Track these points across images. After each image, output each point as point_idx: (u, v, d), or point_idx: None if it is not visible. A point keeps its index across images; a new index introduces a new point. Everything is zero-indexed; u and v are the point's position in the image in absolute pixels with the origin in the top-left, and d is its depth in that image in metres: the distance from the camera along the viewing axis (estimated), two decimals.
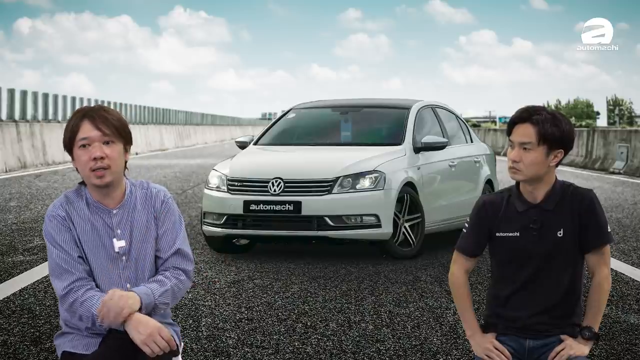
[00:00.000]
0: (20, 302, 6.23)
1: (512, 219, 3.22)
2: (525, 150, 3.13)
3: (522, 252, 3.20)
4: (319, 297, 6.51)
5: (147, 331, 2.98)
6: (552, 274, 3.20)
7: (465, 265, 3.33)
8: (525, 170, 3.14)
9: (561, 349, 3.17)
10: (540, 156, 3.13)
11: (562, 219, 3.18)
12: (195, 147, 45.06)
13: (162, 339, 2.99)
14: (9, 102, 25.09)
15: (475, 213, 3.30)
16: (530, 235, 3.19)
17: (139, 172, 20.75)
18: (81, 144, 3.07)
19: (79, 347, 3.15)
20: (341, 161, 8.34)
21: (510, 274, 3.24)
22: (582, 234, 3.19)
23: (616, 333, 5.43)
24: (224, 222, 8.27)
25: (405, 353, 4.97)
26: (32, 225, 10.56)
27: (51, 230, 3.13)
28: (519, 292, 3.22)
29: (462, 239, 3.33)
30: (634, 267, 7.87)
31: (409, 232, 8.40)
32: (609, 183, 18.61)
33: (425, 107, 9.62)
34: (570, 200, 3.19)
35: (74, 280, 3.07)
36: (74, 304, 3.06)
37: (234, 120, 77.76)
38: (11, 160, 21.88)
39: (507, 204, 3.25)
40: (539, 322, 3.21)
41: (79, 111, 3.13)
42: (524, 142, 3.13)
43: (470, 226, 3.30)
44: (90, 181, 3.11)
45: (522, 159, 3.14)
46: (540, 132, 3.12)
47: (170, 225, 3.22)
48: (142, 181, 3.29)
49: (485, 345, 3.22)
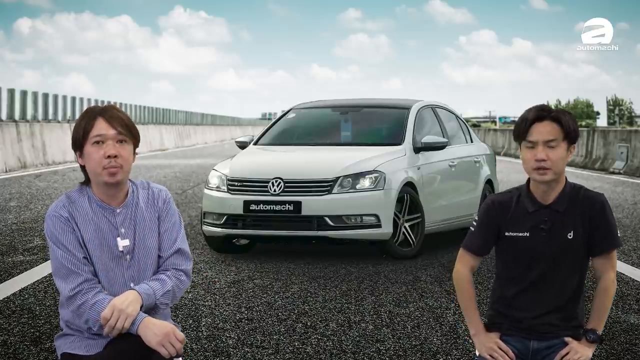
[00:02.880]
0: (20, 302, 6.23)
1: (522, 219, 3.19)
2: (551, 148, 3.09)
3: (531, 252, 3.18)
4: (319, 297, 6.51)
5: (163, 332, 2.99)
6: (559, 275, 3.18)
7: (471, 264, 3.30)
8: (554, 168, 3.10)
9: (566, 352, 3.15)
10: (564, 152, 3.11)
11: (572, 221, 3.16)
12: (195, 147, 45.05)
13: (177, 339, 3.00)
14: (9, 102, 25.08)
15: (484, 212, 3.26)
16: (540, 236, 3.17)
17: (139, 172, 20.74)
18: (95, 141, 3.08)
19: (80, 349, 3.15)
20: (341, 161, 8.34)
21: (517, 274, 3.21)
22: (591, 237, 3.17)
23: (616, 333, 5.43)
24: (224, 222, 8.27)
25: (405, 353, 4.97)
26: (32, 225, 10.56)
27: (54, 231, 3.11)
28: (525, 293, 3.20)
29: (470, 237, 3.29)
30: (634, 267, 7.87)
31: (409, 232, 8.40)
32: (609, 183, 18.60)
33: (425, 107, 9.62)
34: (582, 204, 3.16)
35: (81, 282, 3.07)
36: (82, 307, 3.05)
37: (234, 120, 77.76)
38: (11, 160, 21.88)
39: (517, 204, 3.21)
40: (544, 323, 3.19)
41: (92, 110, 3.13)
42: (549, 140, 3.08)
43: (478, 225, 3.27)
44: (100, 179, 3.10)
45: (550, 157, 3.08)
46: (564, 127, 3.09)
47: (171, 225, 3.24)
48: (143, 181, 3.30)
49: (489, 345, 3.20)
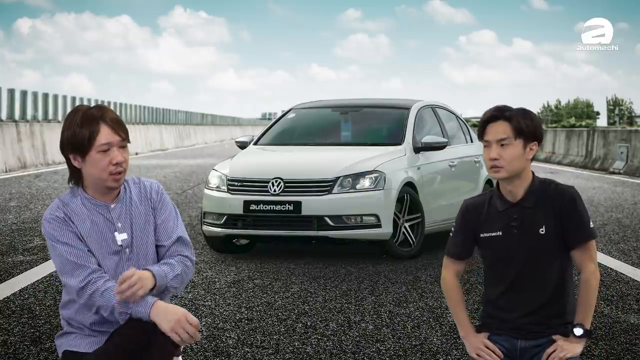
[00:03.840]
0: (20, 302, 6.23)
1: (494, 219, 3.26)
2: (503, 147, 3.18)
3: (506, 251, 3.23)
4: (319, 297, 6.51)
5: (175, 317, 2.99)
6: (537, 272, 3.21)
7: (455, 269, 3.38)
8: (507, 166, 3.18)
9: (552, 350, 3.17)
10: (519, 150, 3.18)
11: (543, 216, 3.20)
12: (195, 147, 45.05)
13: (190, 325, 2.99)
14: (9, 102, 25.08)
15: (459, 216, 3.37)
16: (512, 233, 3.22)
17: (139, 172, 20.74)
18: (101, 150, 3.11)
19: (81, 346, 3.16)
20: (341, 161, 8.34)
21: (498, 274, 3.27)
22: (565, 231, 3.20)
23: (616, 333, 5.43)
24: (224, 222, 8.27)
25: (405, 353, 4.97)
26: (32, 225, 10.56)
27: (52, 232, 3.14)
28: (507, 293, 3.25)
29: (449, 242, 3.39)
30: (634, 267, 7.87)
31: (409, 232, 8.40)
32: (609, 183, 18.60)
33: (425, 107, 9.62)
34: (552, 198, 3.21)
35: (90, 273, 3.09)
36: (93, 295, 3.07)
37: (234, 120, 77.71)
38: (11, 160, 21.88)
39: (489, 205, 3.29)
40: (530, 323, 3.22)
41: (90, 113, 3.12)
42: (501, 139, 3.18)
43: (455, 230, 3.37)
44: (105, 184, 3.15)
45: (502, 156, 3.18)
46: (515, 126, 3.17)
47: (167, 214, 3.29)
48: (133, 177, 3.35)
49: (477, 345, 3.26)
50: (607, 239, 9.71)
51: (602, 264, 7.87)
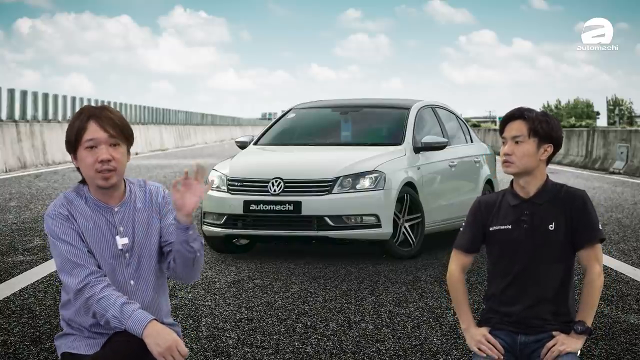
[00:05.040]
0: (20, 302, 6.23)
1: (505, 213, 3.35)
2: (517, 144, 3.29)
3: (514, 244, 3.31)
4: (319, 297, 6.51)
5: (166, 344, 2.97)
6: (542, 267, 3.29)
7: (462, 262, 3.46)
8: (517, 162, 3.29)
9: (552, 344, 3.23)
10: (531, 148, 3.28)
11: (553, 214, 3.29)
12: (195, 147, 45.05)
13: (180, 354, 3.00)
14: (9, 102, 25.07)
15: (471, 211, 3.45)
16: (522, 228, 3.30)
17: (139, 172, 20.74)
18: (87, 145, 3.07)
19: (80, 348, 3.15)
20: (341, 161, 8.34)
21: (502, 268, 3.34)
22: (574, 232, 3.28)
23: (616, 333, 5.43)
24: (224, 222, 8.27)
25: (405, 353, 4.97)
26: (32, 225, 10.56)
27: (55, 228, 3.11)
28: (511, 286, 3.32)
29: (459, 236, 3.48)
30: (634, 267, 7.87)
31: (409, 232, 8.40)
32: (609, 183, 18.60)
33: (425, 107, 9.62)
34: (563, 200, 3.30)
35: (88, 274, 3.07)
36: (90, 300, 3.05)
37: (234, 120, 77.70)
38: (11, 160, 21.88)
39: (502, 201, 3.39)
40: (532, 317, 3.28)
41: (83, 111, 3.12)
42: (515, 136, 3.29)
43: (467, 224, 3.45)
44: (94, 182, 3.12)
45: (514, 152, 3.29)
46: (530, 125, 3.29)
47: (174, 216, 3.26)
48: (139, 179, 3.32)
49: (478, 338, 3.31)
50: (607, 239, 9.71)
51: (603, 264, 7.86)
